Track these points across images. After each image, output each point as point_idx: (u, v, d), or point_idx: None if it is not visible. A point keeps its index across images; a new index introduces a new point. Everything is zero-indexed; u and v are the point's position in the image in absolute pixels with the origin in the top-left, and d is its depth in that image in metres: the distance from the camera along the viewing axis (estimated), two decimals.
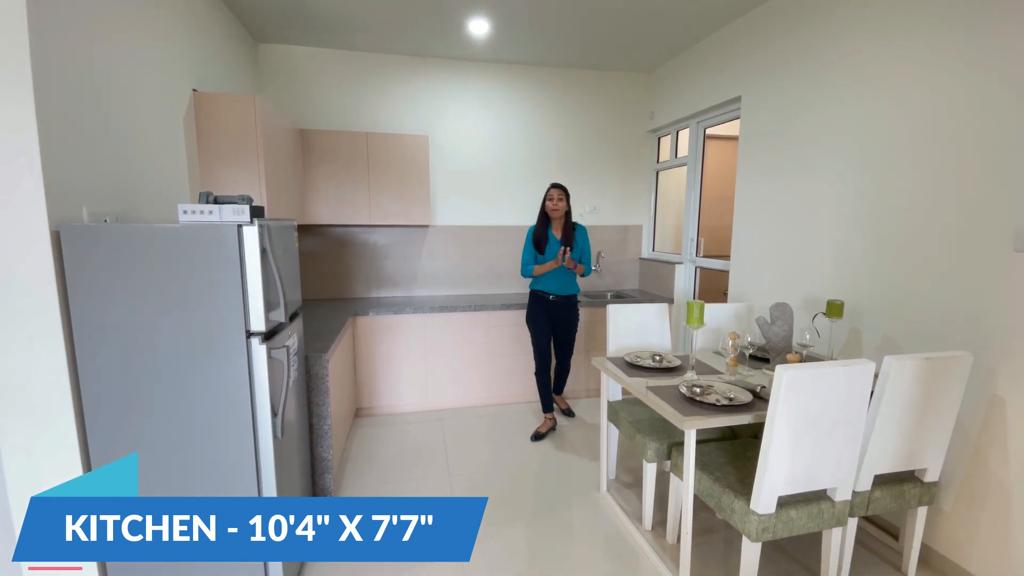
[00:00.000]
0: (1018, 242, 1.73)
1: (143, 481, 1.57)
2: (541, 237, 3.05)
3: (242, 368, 1.58)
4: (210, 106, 2.42)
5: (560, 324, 3.23)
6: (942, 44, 1.98)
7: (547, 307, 3.15)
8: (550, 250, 3.06)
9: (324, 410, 2.37)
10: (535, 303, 3.19)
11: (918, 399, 1.77)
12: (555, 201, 3.00)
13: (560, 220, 3.10)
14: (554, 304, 3.14)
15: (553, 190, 3.03)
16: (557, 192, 3.02)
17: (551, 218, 3.07)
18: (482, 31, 3.36)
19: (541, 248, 3.07)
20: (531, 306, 3.22)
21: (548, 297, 3.13)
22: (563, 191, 3.03)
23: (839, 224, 2.46)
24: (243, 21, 3.19)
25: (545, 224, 3.07)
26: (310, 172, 3.45)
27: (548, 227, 3.07)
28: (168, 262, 1.50)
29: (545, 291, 3.13)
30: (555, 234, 3.09)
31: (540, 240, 3.05)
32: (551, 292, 3.12)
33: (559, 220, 3.09)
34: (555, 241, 3.07)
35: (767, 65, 2.91)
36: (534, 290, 3.19)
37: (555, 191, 3.02)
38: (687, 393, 1.91)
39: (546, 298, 3.13)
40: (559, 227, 3.11)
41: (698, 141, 3.76)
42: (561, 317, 3.21)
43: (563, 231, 3.09)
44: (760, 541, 1.68)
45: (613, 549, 2.17)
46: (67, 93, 1.52)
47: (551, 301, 3.13)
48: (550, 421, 3.31)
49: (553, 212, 3.03)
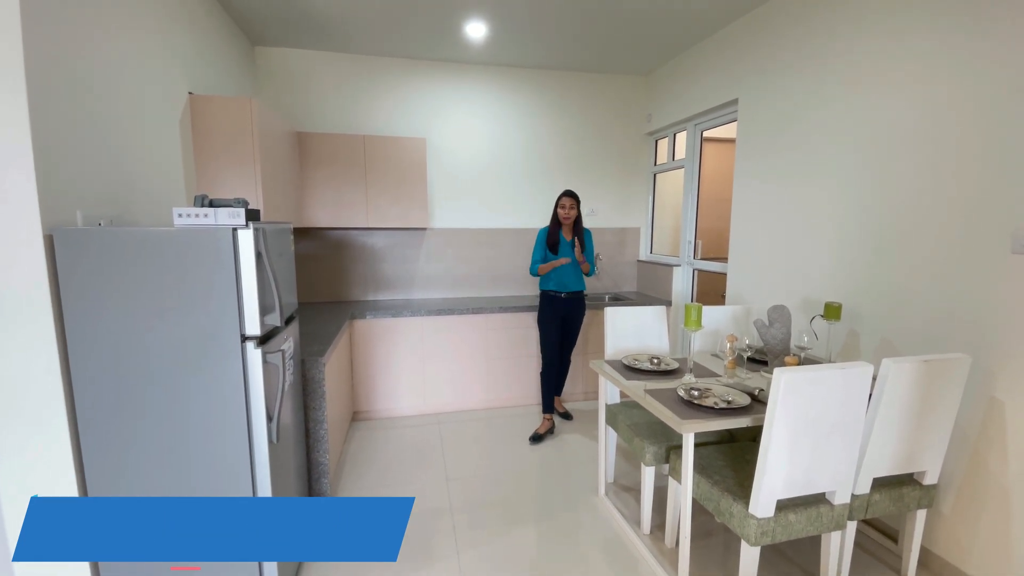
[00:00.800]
0: (1016, 244, 1.73)
1: (137, 486, 1.56)
2: (554, 240, 3.23)
3: (237, 372, 1.57)
4: (206, 109, 2.42)
5: (569, 321, 3.35)
6: (941, 45, 1.99)
7: (558, 306, 3.28)
8: (562, 252, 3.22)
9: (320, 414, 2.36)
10: (546, 303, 3.31)
11: (916, 401, 1.76)
12: (567, 209, 3.18)
13: (571, 225, 3.27)
14: (564, 301, 3.28)
15: (565, 198, 3.19)
16: (569, 200, 3.18)
17: (563, 223, 3.24)
18: (479, 34, 3.36)
19: (554, 250, 3.23)
20: (542, 306, 3.34)
21: (560, 295, 3.26)
22: (574, 199, 3.20)
23: (837, 226, 2.46)
24: (240, 24, 3.18)
25: (557, 228, 3.25)
26: (307, 175, 3.45)
27: (559, 231, 3.25)
28: (162, 266, 1.49)
29: (556, 290, 3.26)
30: (566, 236, 3.27)
31: (553, 243, 3.23)
32: (562, 291, 3.26)
33: (570, 225, 3.27)
34: (566, 243, 3.25)
35: (764, 68, 2.92)
36: (545, 291, 3.32)
37: (567, 199, 3.18)
38: (685, 396, 1.90)
39: (558, 296, 3.27)
40: (569, 231, 3.28)
41: (695, 144, 3.76)
42: (570, 313, 3.33)
43: (573, 234, 3.28)
44: (759, 545, 1.67)
45: (611, 553, 2.16)
46: (61, 96, 1.51)
47: (562, 299, 3.27)
48: (548, 422, 3.35)
49: (565, 220, 3.21)
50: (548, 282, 3.27)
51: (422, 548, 2.19)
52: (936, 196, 2.01)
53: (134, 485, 1.56)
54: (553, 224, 3.25)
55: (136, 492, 1.56)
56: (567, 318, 3.33)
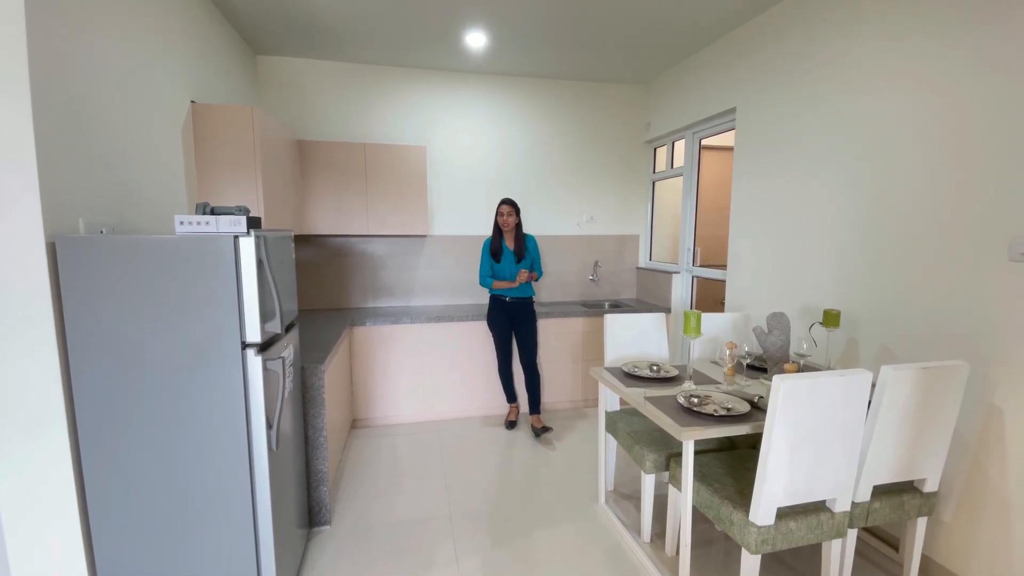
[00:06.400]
0: (1013, 251, 1.75)
1: (136, 492, 1.56)
2: (496, 248, 3.37)
3: (237, 379, 1.57)
4: (208, 117, 2.43)
5: (519, 324, 3.44)
6: (939, 52, 2.01)
7: (504, 308, 3.43)
8: (505, 259, 3.37)
9: (320, 421, 2.35)
10: (493, 306, 3.46)
11: (916, 409, 1.76)
12: (505, 216, 3.31)
13: (512, 232, 3.39)
14: (510, 305, 3.41)
15: (503, 206, 3.31)
16: (507, 208, 3.31)
17: (503, 231, 3.37)
18: (479, 43, 3.39)
19: (497, 258, 3.38)
20: (491, 309, 3.47)
21: (505, 300, 3.41)
22: (512, 207, 3.33)
23: (835, 234, 2.48)
24: (242, 33, 3.21)
25: (499, 236, 3.38)
26: (308, 183, 3.46)
27: (502, 239, 3.39)
28: (164, 273, 1.49)
29: (502, 295, 3.42)
30: (508, 245, 3.40)
31: (496, 251, 3.38)
32: (507, 295, 3.40)
33: (511, 232, 3.40)
34: (508, 252, 3.38)
35: (761, 77, 2.95)
36: (493, 295, 3.46)
37: (505, 207, 3.31)
38: (685, 403, 1.90)
39: (503, 300, 3.41)
40: (511, 238, 3.40)
41: (694, 152, 3.78)
42: (519, 317, 3.43)
43: (515, 241, 3.38)
44: (759, 553, 1.67)
45: (612, 562, 2.15)
46: (65, 104, 1.53)
47: (507, 303, 3.41)
48: (515, 410, 3.65)
49: (504, 226, 3.33)
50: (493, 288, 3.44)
51: (422, 556, 2.18)
52: (934, 204, 2.02)
53: (133, 492, 1.55)
54: (495, 232, 3.38)
55: (136, 498, 1.56)
56: (516, 322, 3.43)
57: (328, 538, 2.31)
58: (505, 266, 3.36)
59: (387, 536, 2.33)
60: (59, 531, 1.51)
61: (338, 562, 2.15)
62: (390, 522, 2.43)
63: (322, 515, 2.38)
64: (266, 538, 1.68)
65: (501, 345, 3.48)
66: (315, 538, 2.31)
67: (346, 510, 2.53)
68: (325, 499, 2.38)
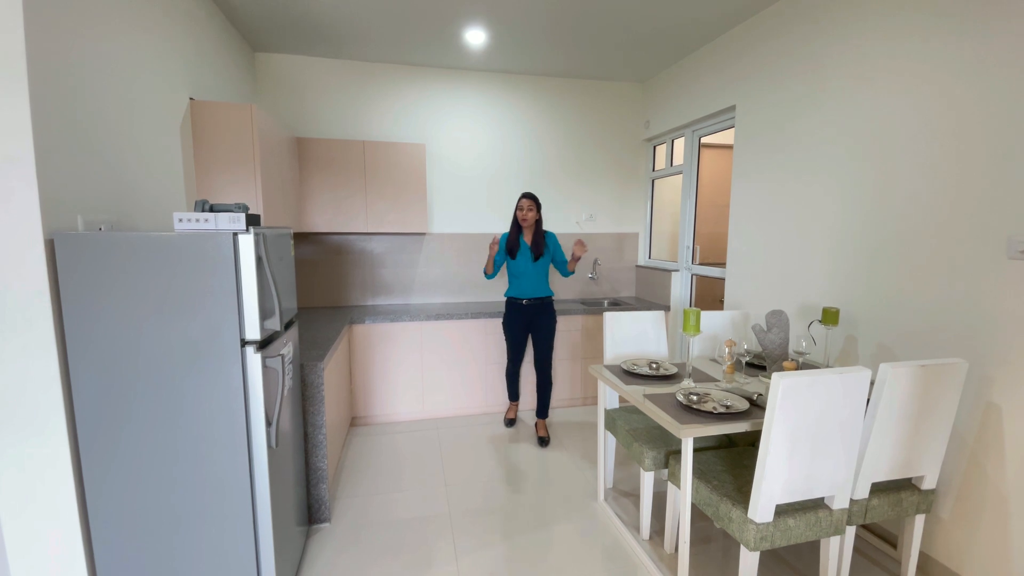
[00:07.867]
0: (1011, 249, 1.75)
1: (135, 490, 1.56)
2: (513, 244, 3.20)
3: (236, 377, 1.57)
4: (207, 115, 2.43)
5: (536, 328, 3.31)
6: (939, 47, 2.01)
7: (521, 312, 3.28)
8: (521, 256, 3.21)
9: (319, 419, 2.35)
10: (510, 309, 3.32)
11: (914, 406, 1.77)
12: (524, 211, 3.15)
13: (531, 228, 3.24)
14: (527, 308, 3.26)
15: (524, 200, 3.15)
16: (527, 202, 3.15)
17: (522, 227, 3.22)
18: (479, 41, 3.38)
19: (513, 254, 3.22)
20: (507, 312, 3.34)
21: (521, 302, 3.25)
22: (533, 201, 3.16)
23: (834, 231, 2.48)
24: (241, 30, 3.20)
25: (517, 231, 3.22)
26: (307, 180, 3.46)
27: (520, 234, 3.23)
28: (163, 271, 1.49)
29: (518, 297, 3.26)
30: (526, 240, 3.24)
31: (512, 247, 3.21)
32: (522, 297, 3.25)
33: (530, 228, 3.24)
34: (526, 247, 3.21)
35: (761, 74, 2.94)
36: (508, 297, 3.33)
37: (525, 201, 3.15)
38: (684, 401, 1.91)
39: (520, 303, 3.26)
40: (530, 234, 3.25)
41: (693, 150, 3.78)
42: (536, 320, 3.29)
43: (533, 237, 3.23)
44: (758, 550, 1.67)
45: (611, 559, 2.16)
46: (63, 101, 1.52)
47: (524, 305, 3.26)
48: (515, 408, 3.62)
49: (523, 221, 3.17)
50: (510, 289, 3.31)
51: (421, 554, 2.18)
52: (933, 202, 2.02)
53: (132, 489, 1.55)
54: (513, 228, 3.23)
55: (135, 496, 1.56)
56: (533, 325, 3.29)
57: (327, 535, 2.31)
58: (521, 262, 3.21)
59: (386, 533, 2.33)
60: (58, 528, 1.51)
61: (337, 559, 2.15)
62: (389, 519, 2.44)
63: (321, 513, 2.38)
64: (265, 535, 1.68)
65: (513, 348, 3.38)
66: (314, 535, 2.31)
67: (345, 508, 2.54)
68: (324, 497, 2.38)
